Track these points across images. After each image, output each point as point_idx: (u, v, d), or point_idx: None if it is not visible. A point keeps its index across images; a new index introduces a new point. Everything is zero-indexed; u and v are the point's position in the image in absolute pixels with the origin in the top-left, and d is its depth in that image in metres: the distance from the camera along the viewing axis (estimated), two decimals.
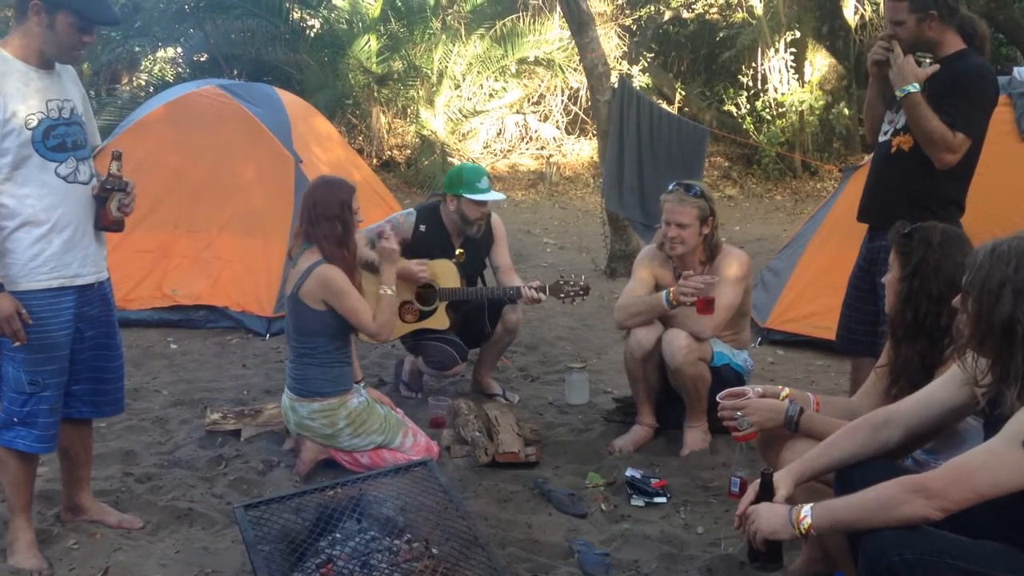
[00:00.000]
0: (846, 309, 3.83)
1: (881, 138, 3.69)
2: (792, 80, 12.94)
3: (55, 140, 3.00)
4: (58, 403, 3.11)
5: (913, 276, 2.65)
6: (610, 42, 13.59)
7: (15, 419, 3.03)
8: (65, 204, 3.02)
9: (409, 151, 13.68)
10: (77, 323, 3.12)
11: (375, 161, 13.09)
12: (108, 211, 3.12)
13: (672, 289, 3.91)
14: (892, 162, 3.58)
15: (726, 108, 13.88)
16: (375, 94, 13.37)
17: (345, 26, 13.67)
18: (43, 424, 3.06)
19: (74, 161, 3.05)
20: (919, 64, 3.41)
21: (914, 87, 3.38)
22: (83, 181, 3.09)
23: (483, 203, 4.56)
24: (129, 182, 3.16)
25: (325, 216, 3.69)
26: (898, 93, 3.42)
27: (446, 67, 13.39)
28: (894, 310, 2.73)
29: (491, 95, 14.17)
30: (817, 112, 12.70)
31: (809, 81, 12.97)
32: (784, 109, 12.84)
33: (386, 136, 13.70)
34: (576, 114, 14.64)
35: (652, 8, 14.36)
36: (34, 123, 2.95)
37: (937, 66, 3.42)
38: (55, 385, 3.07)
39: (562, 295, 4.49)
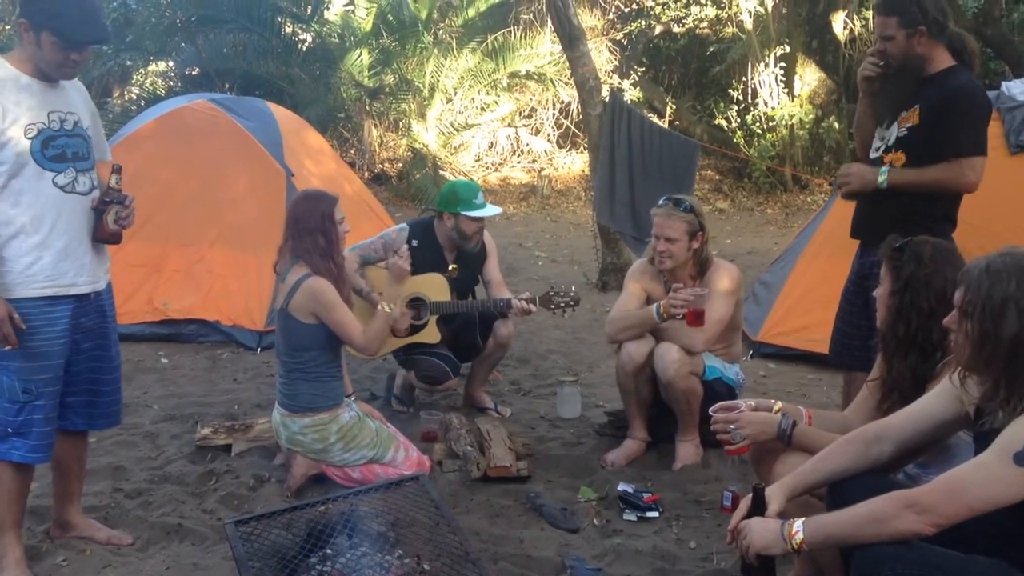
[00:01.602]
0: (839, 323, 3.83)
1: (872, 155, 3.69)
2: (782, 94, 13.01)
3: (54, 150, 3.02)
4: (52, 412, 3.10)
5: (904, 290, 2.65)
6: (601, 56, 13.65)
7: (10, 429, 3.02)
8: (61, 214, 3.04)
9: (401, 164, 13.69)
10: (73, 334, 3.12)
11: (367, 175, 13.10)
12: (105, 223, 3.14)
13: (663, 302, 3.91)
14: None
15: (717, 122, 13.94)
16: (367, 108, 13.38)
17: (337, 40, 13.70)
18: (38, 434, 3.05)
19: (73, 172, 3.06)
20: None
21: (883, 173, 3.45)
22: (82, 192, 3.10)
23: (481, 219, 4.56)
24: (128, 196, 3.18)
25: (307, 230, 3.70)
26: (881, 186, 3.46)
27: (438, 81, 13.43)
28: (885, 325, 2.73)
29: (483, 108, 14.21)
30: (807, 126, 12.76)
31: (799, 95, 13.04)
32: (774, 123, 12.90)
33: (378, 149, 13.71)
34: (567, 128, 14.69)
35: (643, 23, 14.43)
36: (33, 133, 2.97)
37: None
38: (49, 394, 3.07)
39: (553, 306, 4.50)
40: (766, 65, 12.98)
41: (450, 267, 4.65)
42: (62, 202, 3.04)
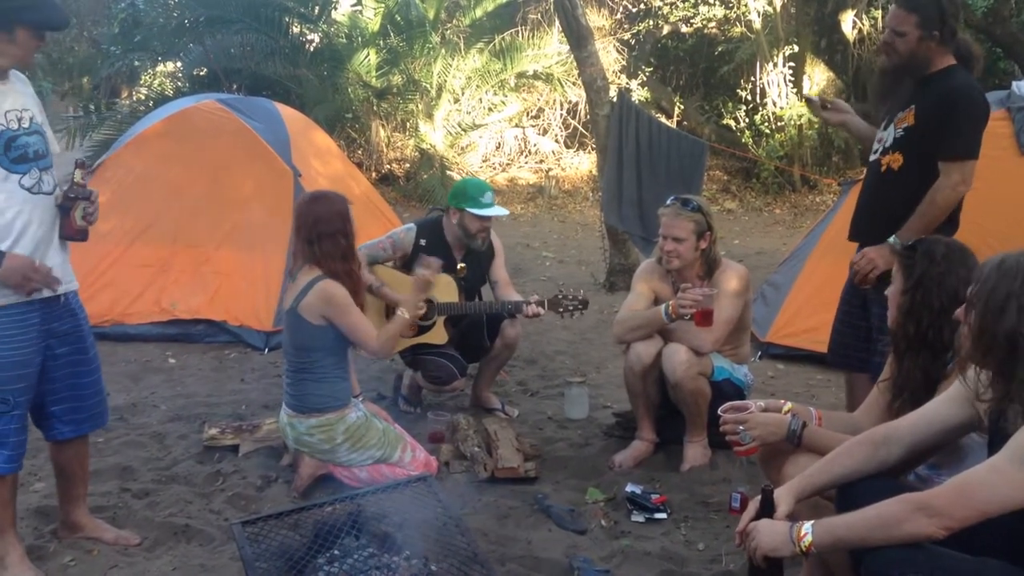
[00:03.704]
0: (838, 324, 3.82)
1: (872, 156, 3.67)
2: (791, 94, 12.97)
3: (17, 151, 2.95)
4: (26, 422, 3.07)
5: (915, 289, 2.64)
6: (609, 56, 13.63)
7: None
8: (31, 217, 2.97)
9: (408, 165, 13.70)
10: (47, 339, 3.06)
11: (374, 175, 13.10)
12: (72, 220, 3.07)
13: (671, 302, 3.90)
14: (883, 181, 3.55)
15: (725, 122, 13.90)
16: (374, 108, 13.39)
17: (344, 40, 13.70)
18: (13, 443, 3.01)
19: (37, 172, 3.01)
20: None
21: (897, 243, 3.25)
22: (47, 191, 3.04)
23: (486, 218, 4.56)
24: (93, 191, 3.12)
25: (328, 233, 3.64)
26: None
27: (445, 81, 13.42)
28: (896, 323, 2.71)
29: (490, 109, 14.20)
30: (816, 126, 12.71)
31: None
32: (783, 123, 12.87)
33: (385, 150, 13.71)
34: (575, 128, 14.67)
35: (650, 23, 14.40)
36: None
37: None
38: (24, 403, 3.03)
39: (561, 309, 4.49)
40: (775, 65, 12.94)
41: (459, 266, 4.65)
42: (31, 204, 2.97)
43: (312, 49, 14.15)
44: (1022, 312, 2.02)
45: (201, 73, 14.02)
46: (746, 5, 13.14)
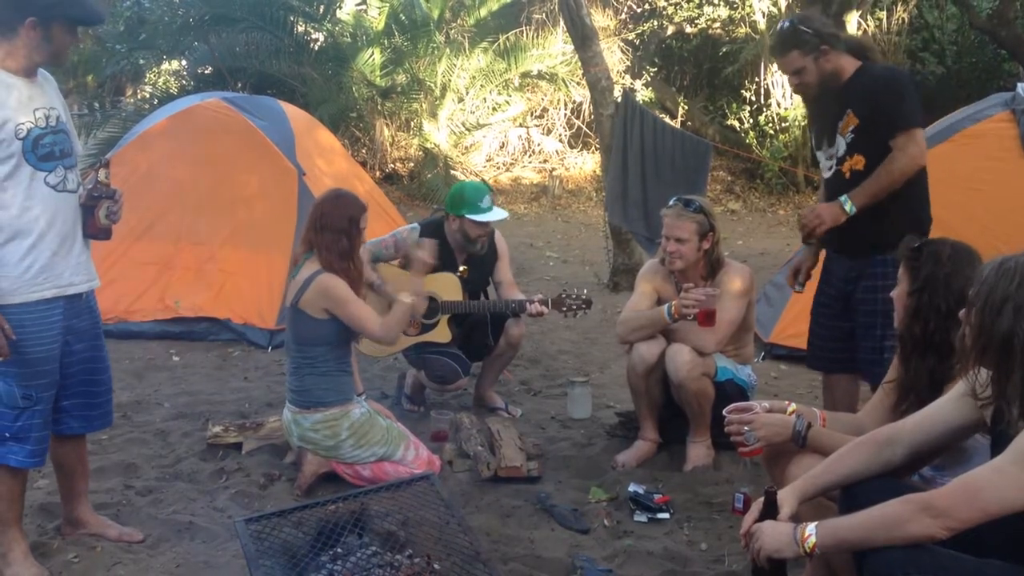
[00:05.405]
0: (814, 326, 3.88)
1: (826, 175, 3.73)
2: (794, 95, 12.94)
3: (44, 149, 2.98)
4: (48, 416, 3.09)
5: (922, 291, 2.64)
6: (613, 56, 13.61)
7: (7, 434, 3.00)
8: (55, 213, 3.01)
9: (412, 164, 13.70)
10: (66, 336, 3.09)
11: (378, 174, 13.11)
12: (96, 219, 3.11)
13: (674, 302, 3.90)
14: (852, 187, 3.55)
15: (729, 123, 13.87)
16: (378, 107, 13.39)
17: (349, 39, 13.71)
18: (35, 439, 3.04)
19: (62, 170, 3.04)
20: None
21: (846, 202, 3.48)
22: (71, 189, 3.08)
23: (486, 223, 4.55)
24: (117, 190, 3.15)
25: (331, 228, 3.70)
26: (851, 213, 3.47)
27: (449, 80, 13.43)
28: (903, 325, 2.72)
29: (494, 108, 14.20)
30: None
31: None
32: (787, 124, 12.85)
33: (389, 149, 13.71)
34: (579, 128, 14.66)
35: (655, 23, 14.39)
36: (23, 133, 2.93)
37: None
38: (47, 399, 3.06)
39: (564, 309, 4.49)
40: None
41: (460, 268, 4.64)
42: (55, 202, 3.01)
43: (317, 48, 14.17)
44: (1018, 314, 2.02)
45: (206, 71, 14.05)
46: (751, 6, 13.13)
